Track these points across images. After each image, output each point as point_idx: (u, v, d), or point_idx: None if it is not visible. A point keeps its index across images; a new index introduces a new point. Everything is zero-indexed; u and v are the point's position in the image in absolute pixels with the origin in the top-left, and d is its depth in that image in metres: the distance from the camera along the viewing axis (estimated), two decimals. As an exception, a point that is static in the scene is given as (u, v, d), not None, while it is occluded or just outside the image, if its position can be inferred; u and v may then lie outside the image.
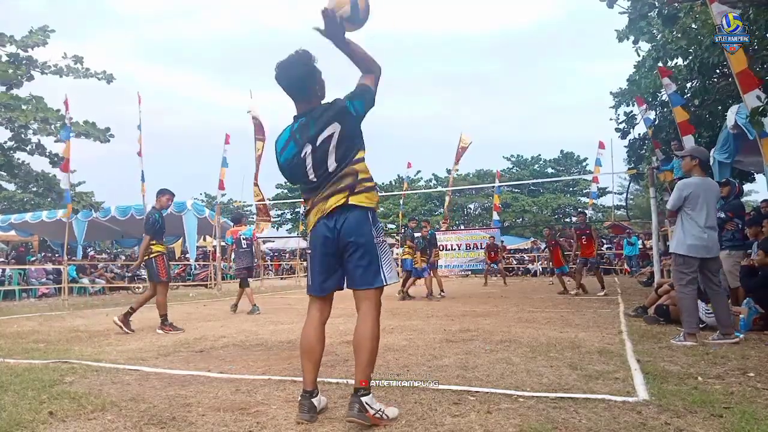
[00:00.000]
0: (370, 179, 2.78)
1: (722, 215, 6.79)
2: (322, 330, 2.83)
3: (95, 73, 19.73)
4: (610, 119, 13.46)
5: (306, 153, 2.72)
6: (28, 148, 18.04)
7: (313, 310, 2.89)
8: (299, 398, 2.77)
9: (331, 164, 2.70)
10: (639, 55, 12.23)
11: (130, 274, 17.02)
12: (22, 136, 18.20)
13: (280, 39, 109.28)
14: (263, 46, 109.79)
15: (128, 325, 6.50)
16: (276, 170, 2.89)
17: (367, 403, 2.56)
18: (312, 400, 2.72)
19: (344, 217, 2.69)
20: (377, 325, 2.76)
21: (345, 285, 2.85)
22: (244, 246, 9.33)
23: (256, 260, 9.81)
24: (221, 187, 17.48)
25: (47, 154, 18.75)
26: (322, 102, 2.81)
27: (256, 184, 17.59)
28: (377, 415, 2.57)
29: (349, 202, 2.67)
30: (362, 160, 2.76)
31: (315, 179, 2.73)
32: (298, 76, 2.77)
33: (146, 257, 6.82)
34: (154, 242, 6.90)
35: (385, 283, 2.78)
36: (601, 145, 21.50)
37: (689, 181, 5.11)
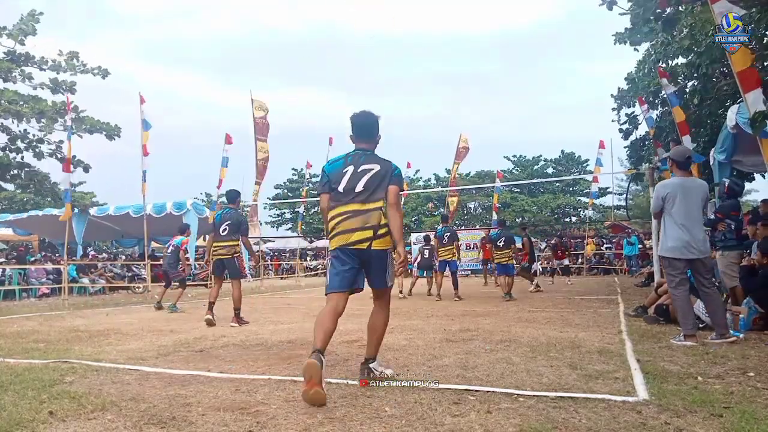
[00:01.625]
0: (387, 224, 3.48)
1: (713, 216, 6.79)
2: (337, 317, 3.58)
3: (91, 69, 19.64)
4: (612, 121, 13.49)
5: (347, 171, 3.56)
6: (23, 146, 17.96)
7: (332, 301, 3.61)
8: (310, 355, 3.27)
9: (359, 187, 3.50)
10: (645, 62, 12.29)
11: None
12: (25, 134, 18.14)
13: (280, 39, 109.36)
14: (263, 46, 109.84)
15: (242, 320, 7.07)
16: (276, 170, 3.00)
17: (373, 368, 3.62)
18: (321, 355, 3.27)
19: (369, 254, 3.48)
20: (388, 314, 3.74)
21: (363, 286, 3.64)
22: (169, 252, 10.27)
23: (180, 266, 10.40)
24: (220, 186, 17.45)
25: (49, 154, 18.65)
26: (375, 150, 3.75)
27: (257, 183, 17.61)
28: (381, 375, 3.60)
29: (372, 248, 3.46)
30: (383, 203, 3.49)
31: (342, 191, 3.51)
32: (371, 123, 3.76)
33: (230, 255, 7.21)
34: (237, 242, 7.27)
35: (392, 284, 3.72)
36: (602, 145, 21.48)
37: (667, 182, 5.14)
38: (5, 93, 17.01)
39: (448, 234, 11.13)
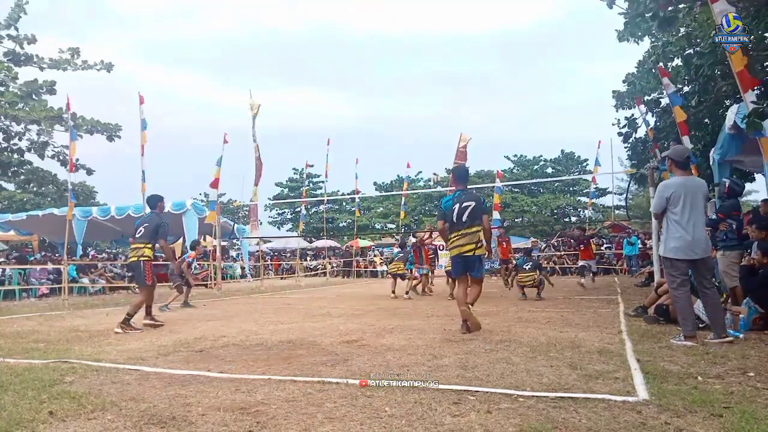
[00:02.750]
0: (482, 240, 5.81)
1: (714, 216, 6.78)
2: (466, 289, 5.85)
3: (93, 65, 19.56)
4: (612, 124, 13.49)
5: (455, 207, 5.77)
6: (25, 146, 17.90)
7: (461, 282, 5.91)
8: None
9: (464, 218, 5.74)
10: (644, 62, 12.30)
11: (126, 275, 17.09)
12: (26, 131, 18.07)
13: (280, 39, 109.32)
14: (263, 46, 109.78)
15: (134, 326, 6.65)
16: (275, 170, 3.00)
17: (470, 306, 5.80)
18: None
19: (472, 258, 5.77)
20: (480, 290, 5.99)
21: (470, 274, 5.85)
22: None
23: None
24: (214, 185, 17.35)
25: (50, 156, 18.59)
26: (468, 187, 6.11)
27: (255, 184, 17.61)
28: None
29: (476, 254, 5.76)
30: (481, 226, 5.80)
31: (454, 221, 5.77)
32: (465, 171, 6.58)
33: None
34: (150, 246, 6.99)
35: (483, 276, 5.99)
36: (599, 145, 21.58)
37: (670, 182, 5.08)
38: (5, 95, 17.01)
39: None
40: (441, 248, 13.54)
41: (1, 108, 16.42)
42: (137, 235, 6.99)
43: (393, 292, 11.66)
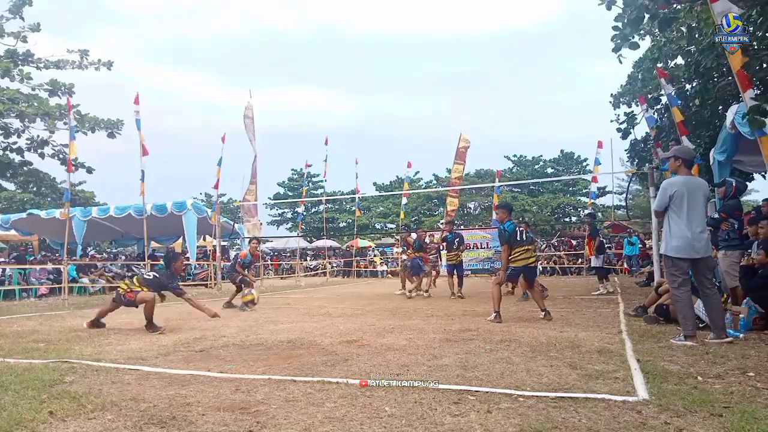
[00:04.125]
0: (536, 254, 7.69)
1: (716, 215, 6.77)
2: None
3: (94, 62, 19.48)
4: (611, 121, 13.45)
5: (517, 230, 7.21)
6: (25, 146, 17.85)
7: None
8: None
9: (524, 237, 7.20)
10: (620, 63, 12.31)
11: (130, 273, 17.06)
12: (26, 129, 17.98)
13: (281, 39, 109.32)
14: (264, 46, 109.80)
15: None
16: (275, 169, 2.99)
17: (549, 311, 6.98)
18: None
19: (533, 267, 7.44)
20: (540, 290, 7.81)
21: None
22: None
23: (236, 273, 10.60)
24: (216, 186, 17.48)
25: (51, 155, 18.53)
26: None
27: (253, 183, 17.63)
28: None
29: (533, 265, 7.45)
30: (534, 245, 7.53)
31: (518, 240, 7.14)
32: (509, 205, 7.95)
33: None
34: None
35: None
36: (600, 145, 21.53)
37: (673, 181, 5.06)
38: (7, 91, 16.98)
39: (458, 240, 11.96)
40: (442, 248, 13.57)
41: (3, 104, 16.38)
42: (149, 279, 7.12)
43: (410, 291, 11.97)
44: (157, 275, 7.19)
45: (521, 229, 7.30)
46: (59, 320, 8.21)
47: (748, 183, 13.88)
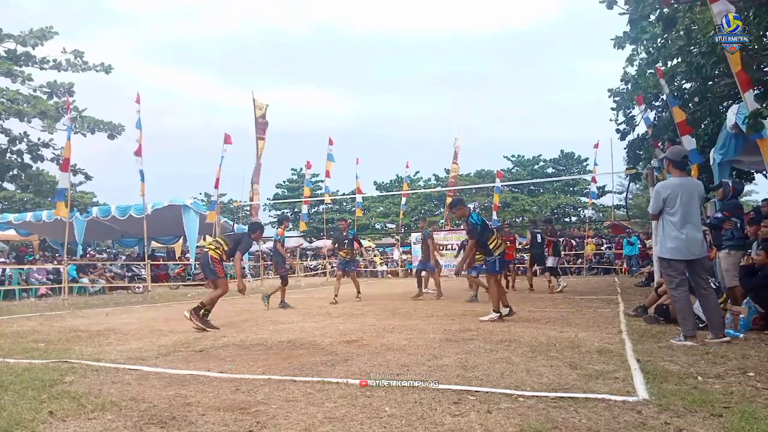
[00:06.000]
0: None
1: (719, 215, 6.78)
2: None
3: (93, 66, 19.52)
4: (610, 120, 13.44)
5: (485, 221, 7.20)
6: (24, 147, 17.83)
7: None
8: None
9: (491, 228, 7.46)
10: (633, 64, 12.30)
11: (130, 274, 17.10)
12: (25, 135, 18.00)
13: (281, 39, 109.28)
14: (264, 46, 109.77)
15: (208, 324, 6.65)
16: (274, 169, 3.00)
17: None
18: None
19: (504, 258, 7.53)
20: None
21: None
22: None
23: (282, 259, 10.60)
24: (217, 185, 17.45)
25: (50, 158, 18.44)
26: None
27: (257, 183, 17.62)
28: None
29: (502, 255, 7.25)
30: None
31: (490, 230, 7.13)
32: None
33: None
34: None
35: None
36: (597, 145, 21.66)
37: (667, 183, 5.10)
38: (7, 92, 16.97)
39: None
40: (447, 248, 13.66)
41: (3, 105, 16.36)
42: (214, 236, 7.63)
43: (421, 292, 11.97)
44: (239, 235, 7.68)
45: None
46: (59, 320, 8.21)
47: (747, 183, 13.89)
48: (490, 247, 6.96)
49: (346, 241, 11.05)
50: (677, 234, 4.85)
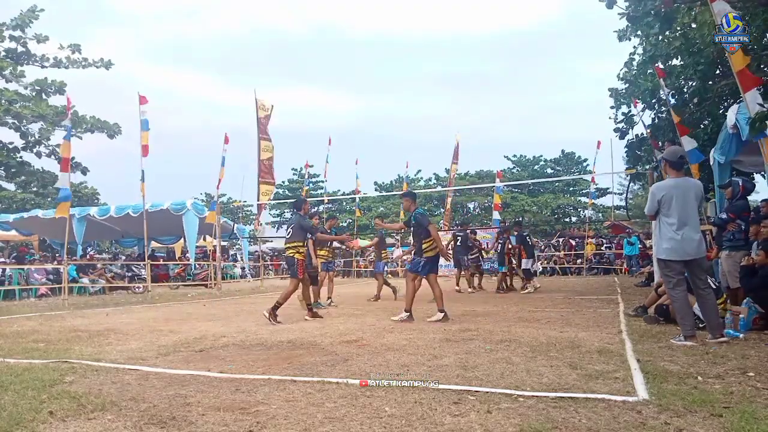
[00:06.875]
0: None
1: (724, 216, 6.78)
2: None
3: (93, 62, 19.52)
4: (609, 118, 13.42)
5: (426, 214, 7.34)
6: (28, 144, 17.85)
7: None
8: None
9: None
10: (633, 60, 12.29)
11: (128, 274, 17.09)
12: (27, 132, 18.04)
13: (281, 39, 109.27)
14: (264, 45, 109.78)
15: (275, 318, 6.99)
16: (276, 169, 2.99)
17: None
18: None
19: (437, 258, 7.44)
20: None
21: None
22: None
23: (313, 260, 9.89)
24: (218, 186, 17.54)
25: (51, 153, 18.53)
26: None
27: (263, 183, 17.66)
28: None
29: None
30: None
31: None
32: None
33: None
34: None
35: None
36: (598, 145, 21.64)
37: (662, 184, 5.11)
38: (5, 93, 16.98)
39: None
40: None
41: (1, 105, 16.38)
42: (288, 236, 7.59)
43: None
44: (295, 224, 7.57)
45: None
46: (59, 320, 8.21)
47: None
48: (423, 247, 7.06)
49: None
50: (673, 235, 4.87)
